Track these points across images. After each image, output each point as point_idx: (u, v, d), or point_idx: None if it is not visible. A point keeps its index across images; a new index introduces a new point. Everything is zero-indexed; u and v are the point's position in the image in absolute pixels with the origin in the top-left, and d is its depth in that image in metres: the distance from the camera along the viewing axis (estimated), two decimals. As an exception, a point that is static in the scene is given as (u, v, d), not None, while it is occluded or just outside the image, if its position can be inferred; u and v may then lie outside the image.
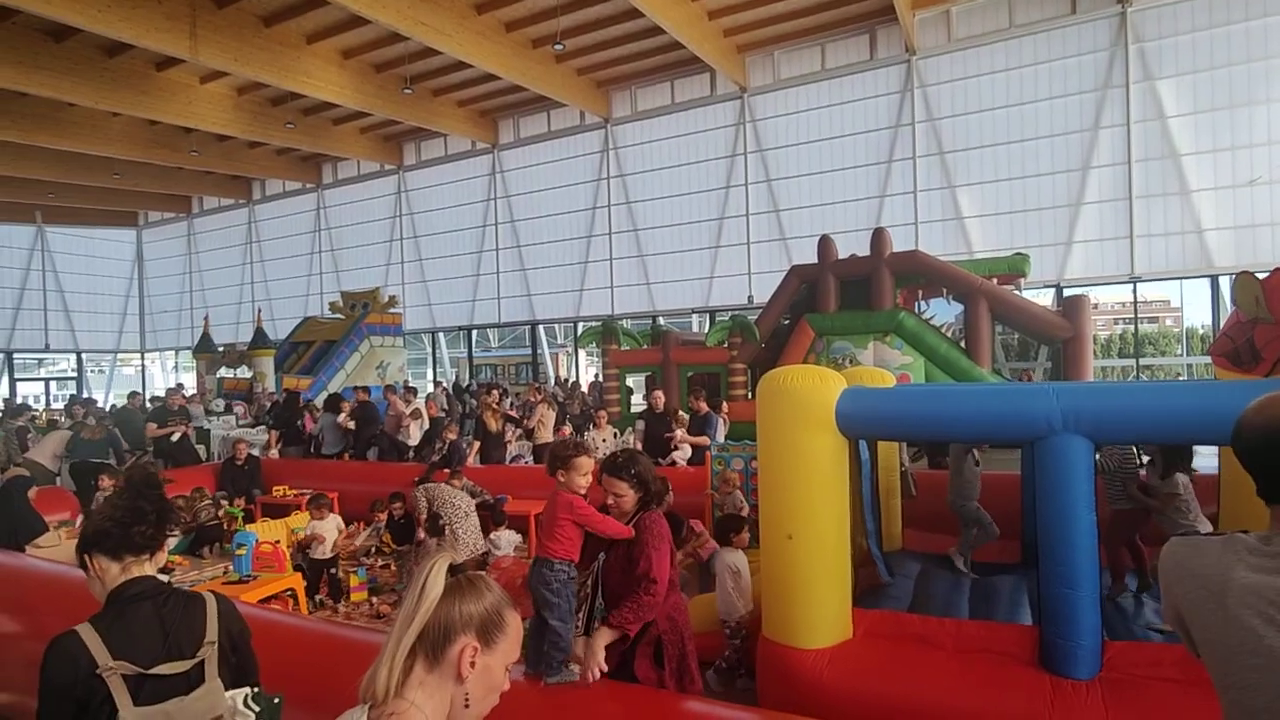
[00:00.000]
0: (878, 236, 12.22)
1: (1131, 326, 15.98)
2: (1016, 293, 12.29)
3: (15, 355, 25.88)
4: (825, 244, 12.66)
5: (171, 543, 7.00)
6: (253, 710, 1.69)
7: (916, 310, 12.84)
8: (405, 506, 6.31)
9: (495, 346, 23.44)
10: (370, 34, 14.64)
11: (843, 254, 12.67)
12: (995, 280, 12.20)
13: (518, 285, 20.58)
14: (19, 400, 20.45)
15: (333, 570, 5.84)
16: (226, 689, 1.70)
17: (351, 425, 9.81)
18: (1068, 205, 14.29)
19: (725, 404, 9.60)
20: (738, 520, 4.09)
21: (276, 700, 1.79)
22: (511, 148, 20.41)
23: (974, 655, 2.77)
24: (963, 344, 12.02)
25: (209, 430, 12.50)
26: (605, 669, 2.39)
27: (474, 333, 21.98)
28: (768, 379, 3.09)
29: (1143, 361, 15.46)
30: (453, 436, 8.66)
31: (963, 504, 4.41)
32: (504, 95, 18.43)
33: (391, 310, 18.18)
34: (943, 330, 12.37)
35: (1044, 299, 14.07)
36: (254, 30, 13.87)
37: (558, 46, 14.60)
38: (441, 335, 22.71)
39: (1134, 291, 14.49)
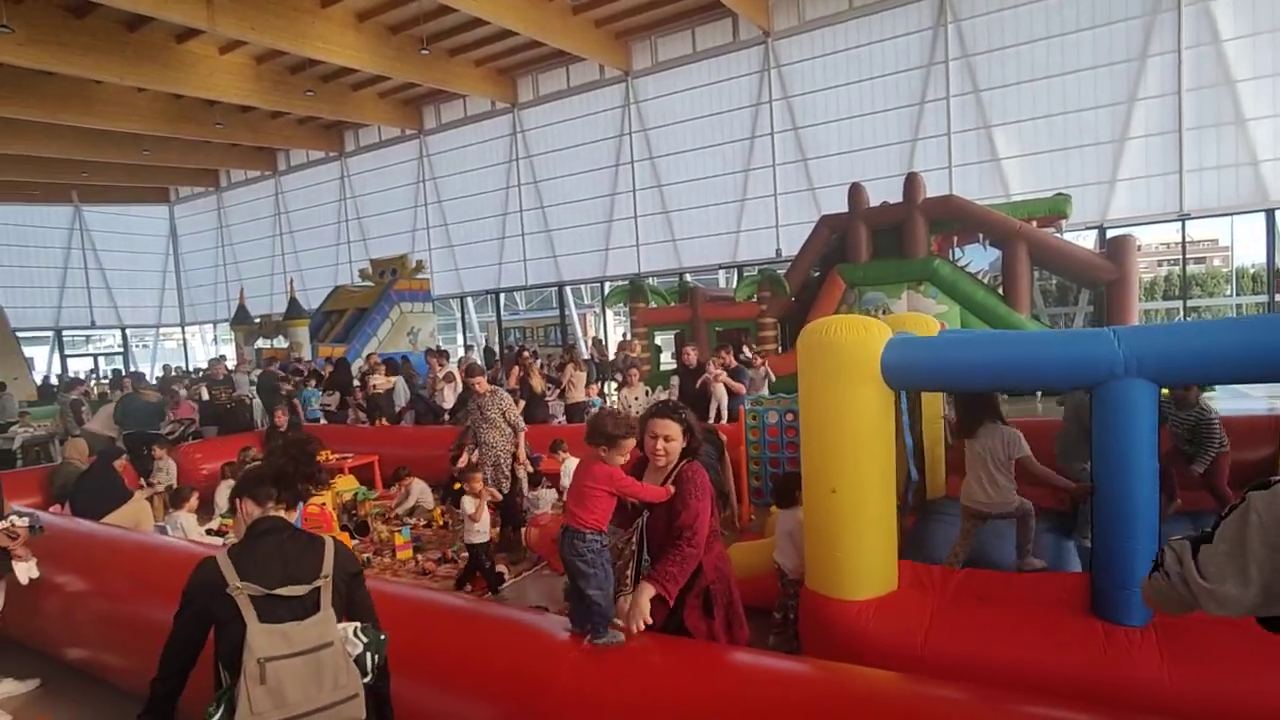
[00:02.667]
0: (911, 182, 11.84)
1: (1176, 268, 15.34)
2: (1057, 235, 11.87)
3: (64, 332, 26.79)
4: (856, 192, 12.32)
5: (223, 501, 7.28)
6: (361, 641, 1.87)
7: (951, 257, 12.50)
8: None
9: (523, 309, 23.51)
10: (384, -7, 14.43)
11: (874, 202, 12.33)
12: (1034, 223, 11.78)
13: (543, 247, 20.51)
14: (71, 375, 21.22)
15: (488, 564, 4.88)
16: (338, 622, 1.87)
17: (383, 389, 10.04)
18: (1111, 141, 13.64)
19: (764, 357, 9.55)
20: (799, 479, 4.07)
21: (383, 637, 1.95)
22: (531, 106, 20.09)
23: (1024, 605, 2.74)
24: (1000, 290, 11.70)
25: (252, 399, 12.85)
26: (650, 621, 2.40)
27: (502, 296, 22.07)
28: (810, 330, 3.01)
29: (1190, 303, 14.88)
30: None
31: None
32: (522, 52, 18.05)
33: (420, 276, 18.30)
34: (978, 277, 12.05)
35: (1086, 241, 13.57)
36: (269, -4, 13.72)
37: (574, -3, 14.19)
38: (470, 299, 22.84)
39: (1182, 230, 13.87)
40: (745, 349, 10.03)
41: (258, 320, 19.55)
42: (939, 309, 11.39)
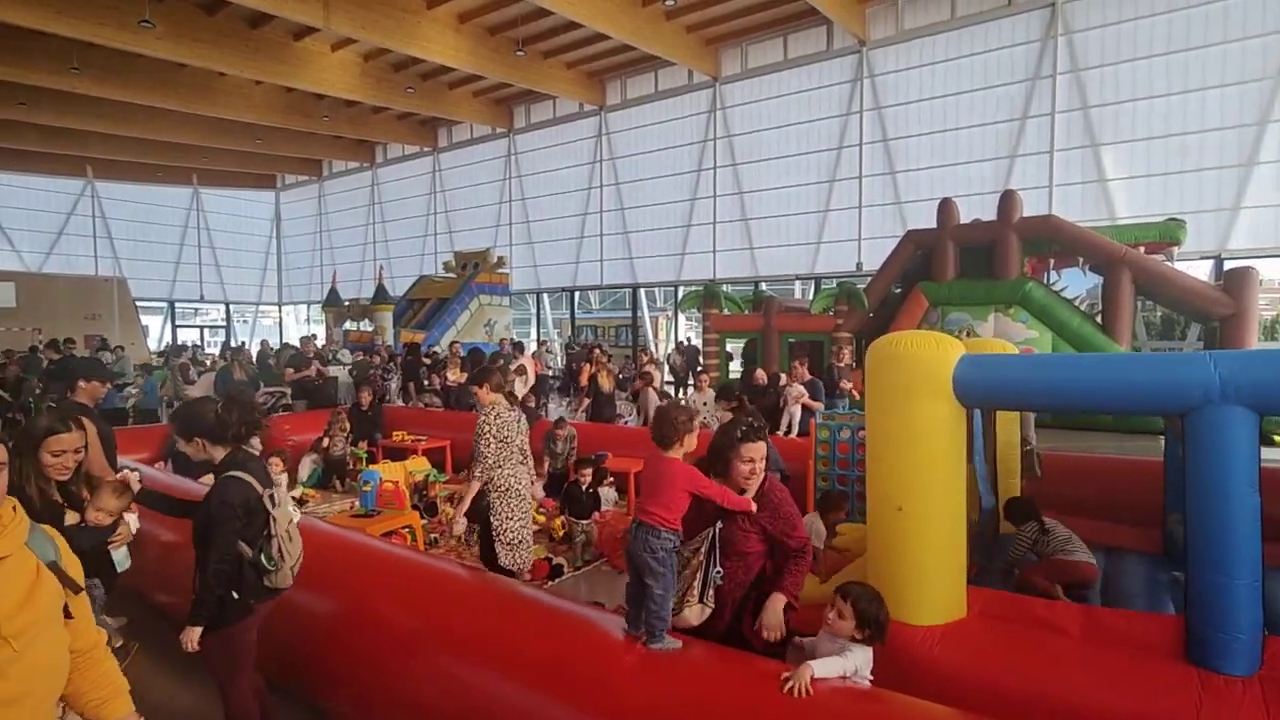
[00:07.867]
0: (1007, 199, 11.33)
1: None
2: (1167, 263, 11.08)
3: (176, 305, 29.11)
4: (946, 207, 11.89)
5: (305, 473, 7.71)
6: (300, 514, 2.87)
7: (1046, 281, 11.87)
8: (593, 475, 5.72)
9: (596, 308, 23.83)
10: (486, -4, 15.01)
11: (965, 219, 11.86)
12: (1142, 249, 11.05)
13: (620, 248, 20.74)
14: (179, 343, 22.95)
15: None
16: None
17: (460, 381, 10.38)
18: (1237, 165, 12.64)
19: (851, 381, 8.49)
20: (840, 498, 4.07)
21: None
22: (618, 109, 20.37)
23: (1106, 644, 2.57)
24: (1098, 319, 11.02)
25: (337, 377, 13.56)
26: (784, 634, 2.42)
27: (576, 294, 22.44)
28: (879, 344, 2.95)
29: (1318, 345, 13.59)
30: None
31: None
32: (612, 55, 18.35)
33: (500, 270, 18.84)
34: (1075, 303, 11.40)
35: (1199, 272, 12.61)
36: (379, -2, 14.48)
37: (668, 2, 14.29)
38: (545, 296, 23.34)
39: (1314, 265, 12.71)
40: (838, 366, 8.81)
41: (347, 304, 20.60)
42: (1029, 334, 10.85)
